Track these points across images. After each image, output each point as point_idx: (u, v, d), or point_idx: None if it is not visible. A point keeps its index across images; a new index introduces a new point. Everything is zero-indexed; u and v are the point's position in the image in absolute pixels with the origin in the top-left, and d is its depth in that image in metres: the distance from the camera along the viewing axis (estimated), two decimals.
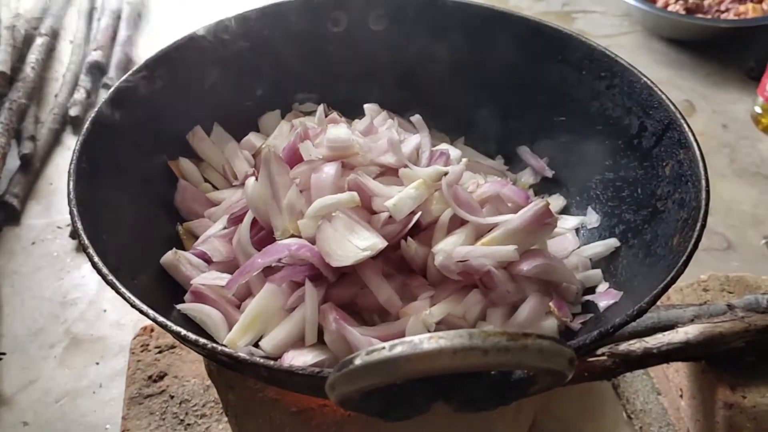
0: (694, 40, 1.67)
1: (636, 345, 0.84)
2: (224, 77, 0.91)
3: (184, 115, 0.89)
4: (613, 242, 0.81)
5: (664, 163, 0.77)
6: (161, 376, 0.98)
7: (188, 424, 0.94)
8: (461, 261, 0.69)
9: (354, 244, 0.67)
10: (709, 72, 1.62)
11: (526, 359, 0.41)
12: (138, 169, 0.81)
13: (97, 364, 1.07)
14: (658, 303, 0.94)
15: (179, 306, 0.71)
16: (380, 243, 0.67)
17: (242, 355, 0.54)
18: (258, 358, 0.55)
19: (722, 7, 1.67)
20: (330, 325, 0.66)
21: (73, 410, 1.02)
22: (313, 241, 0.69)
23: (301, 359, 0.64)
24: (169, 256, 0.77)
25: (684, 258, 0.62)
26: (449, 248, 0.69)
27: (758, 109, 1.47)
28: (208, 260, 0.78)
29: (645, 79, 0.83)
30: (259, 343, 0.69)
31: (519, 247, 0.70)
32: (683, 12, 1.64)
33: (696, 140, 0.74)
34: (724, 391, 0.86)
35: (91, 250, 0.61)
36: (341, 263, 0.67)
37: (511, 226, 0.71)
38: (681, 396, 0.95)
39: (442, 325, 0.68)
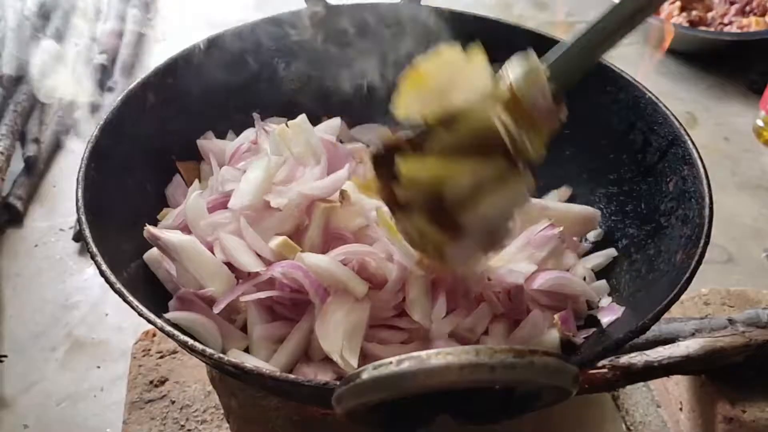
0: (696, 52, 1.67)
1: (637, 358, 0.84)
2: (232, 85, 0.92)
3: (191, 122, 0.90)
4: (611, 252, 0.81)
5: (668, 179, 0.78)
6: (162, 381, 0.98)
7: (189, 430, 0.94)
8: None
9: (343, 340, 0.67)
10: (712, 84, 1.63)
11: (532, 376, 0.41)
12: (145, 175, 0.82)
13: (99, 367, 1.07)
14: None
15: (168, 315, 0.69)
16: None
17: (248, 365, 0.54)
18: (264, 369, 0.55)
19: (725, 20, 1.67)
20: None
21: (73, 414, 1.02)
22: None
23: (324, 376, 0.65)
24: (154, 253, 0.75)
25: (687, 275, 0.63)
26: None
27: (760, 123, 1.48)
28: None
29: (650, 94, 0.84)
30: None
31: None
32: (686, 24, 1.65)
33: (700, 157, 0.75)
34: (723, 405, 0.86)
35: (99, 258, 0.61)
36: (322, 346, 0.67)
37: (520, 243, 0.72)
38: (681, 409, 0.95)
39: (451, 338, 0.68)
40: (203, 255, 0.72)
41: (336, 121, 0.96)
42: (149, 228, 0.72)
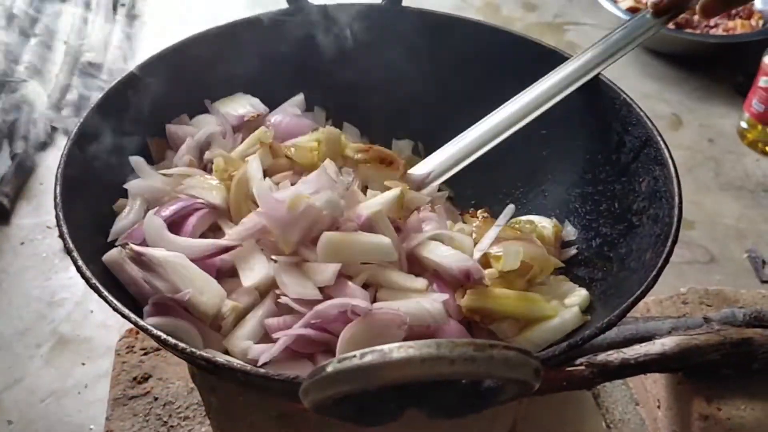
0: (682, 54, 1.69)
1: (614, 356, 0.86)
2: (217, 83, 0.92)
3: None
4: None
5: (641, 179, 0.79)
6: (146, 378, 0.99)
7: (171, 426, 0.95)
8: None
9: None
10: (697, 86, 1.64)
11: (492, 369, 0.42)
12: (128, 172, 0.82)
13: (83, 364, 1.08)
14: (638, 315, 0.97)
15: (148, 321, 0.66)
16: None
17: (220, 359, 0.55)
18: (235, 363, 0.56)
19: (711, 23, 1.69)
20: None
21: (57, 410, 1.02)
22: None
23: None
24: (114, 254, 0.72)
25: (654, 273, 0.64)
26: None
27: (744, 124, 1.49)
28: None
29: (624, 95, 0.84)
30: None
31: None
32: (672, 26, 1.66)
33: (672, 157, 0.76)
34: (700, 402, 0.88)
35: (75, 254, 0.62)
36: None
37: None
38: (659, 407, 0.96)
39: None
40: (192, 270, 0.71)
41: (299, 97, 0.97)
42: (133, 247, 0.70)
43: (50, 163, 1.40)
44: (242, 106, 0.93)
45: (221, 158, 0.82)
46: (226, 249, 0.73)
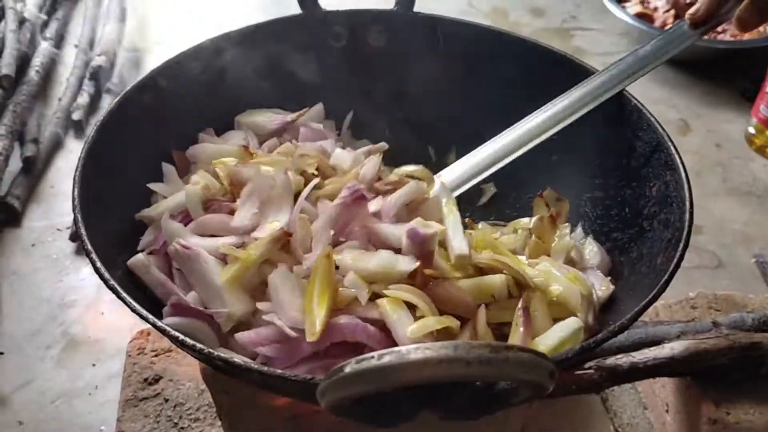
0: (690, 60, 1.69)
1: (623, 359, 0.86)
2: (230, 87, 0.93)
3: (188, 123, 0.91)
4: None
5: (652, 184, 0.79)
6: (156, 380, 1.00)
7: (182, 428, 0.96)
8: None
9: None
10: (705, 92, 1.64)
11: (508, 371, 0.43)
12: (141, 175, 0.83)
13: (94, 365, 1.09)
14: (647, 319, 0.97)
15: (165, 321, 0.67)
16: None
17: (237, 360, 0.55)
18: (252, 364, 0.57)
19: (719, 29, 1.69)
20: None
21: (68, 411, 1.03)
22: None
23: None
24: (140, 258, 0.74)
25: (665, 277, 0.64)
26: None
27: (752, 130, 1.49)
28: None
29: (635, 101, 0.85)
30: None
31: None
32: None
33: (682, 162, 0.76)
34: (708, 406, 0.88)
35: (93, 256, 0.63)
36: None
37: None
38: (667, 411, 0.97)
39: None
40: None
41: (318, 107, 0.98)
42: (181, 241, 0.73)
43: (61, 166, 1.41)
44: (265, 119, 0.95)
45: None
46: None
